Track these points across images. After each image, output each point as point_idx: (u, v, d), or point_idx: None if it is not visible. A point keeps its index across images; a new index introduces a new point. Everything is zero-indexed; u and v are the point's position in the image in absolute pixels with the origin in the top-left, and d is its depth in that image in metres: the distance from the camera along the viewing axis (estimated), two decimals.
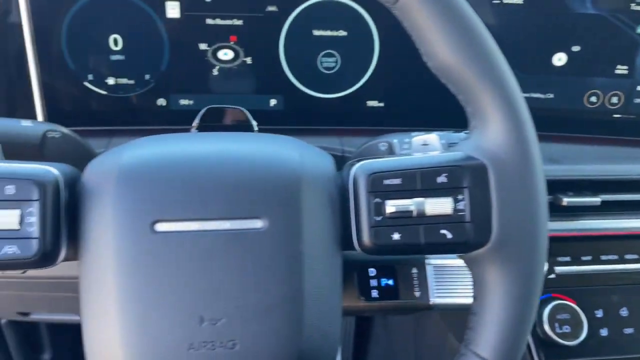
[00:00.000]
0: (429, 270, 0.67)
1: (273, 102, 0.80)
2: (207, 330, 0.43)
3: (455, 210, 0.43)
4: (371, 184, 0.44)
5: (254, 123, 0.65)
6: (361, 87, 0.80)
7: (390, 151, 0.64)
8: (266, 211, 0.44)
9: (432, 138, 0.55)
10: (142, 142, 0.49)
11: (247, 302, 0.43)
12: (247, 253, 0.43)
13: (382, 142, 0.66)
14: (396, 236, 0.44)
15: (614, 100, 0.82)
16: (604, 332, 0.74)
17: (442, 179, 0.44)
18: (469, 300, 0.48)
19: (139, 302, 0.43)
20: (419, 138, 0.56)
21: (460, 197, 0.43)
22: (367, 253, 0.46)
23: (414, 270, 0.67)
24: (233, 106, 0.64)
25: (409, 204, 0.43)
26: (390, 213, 0.43)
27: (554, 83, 0.81)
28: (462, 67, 0.43)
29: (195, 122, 0.63)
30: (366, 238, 0.45)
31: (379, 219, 0.44)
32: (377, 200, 0.44)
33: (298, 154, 0.48)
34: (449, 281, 0.66)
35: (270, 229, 0.43)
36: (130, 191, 0.43)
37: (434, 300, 0.66)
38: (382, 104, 0.81)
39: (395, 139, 0.65)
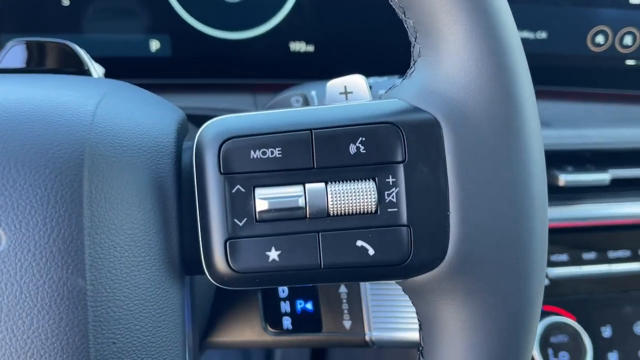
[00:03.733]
0: (366, 289, 0.47)
1: (155, 45, 0.62)
2: None
3: (382, 204, 0.30)
4: (225, 159, 0.29)
5: (97, 67, 0.43)
6: (282, 22, 0.64)
7: None
8: (4, 217, 0.26)
9: (357, 82, 0.35)
10: None
11: None
12: None
13: (295, 96, 0.51)
14: (273, 254, 0.29)
15: (627, 40, 0.70)
16: (613, 357, 0.64)
17: (357, 147, 0.29)
18: None
19: None
20: (336, 82, 0.36)
21: (390, 180, 0.30)
22: (224, 285, 0.30)
23: (343, 289, 0.47)
24: (55, 39, 0.42)
25: (297, 193, 0.29)
26: (262, 212, 0.29)
27: (548, 17, 0.69)
28: None
29: None
30: (218, 259, 0.29)
31: (240, 223, 0.29)
32: (238, 188, 0.29)
33: (93, 107, 0.29)
34: (396, 306, 0.46)
35: (13, 251, 0.26)
36: None
37: (373, 334, 0.47)
38: (311, 48, 0.65)
39: (313, 91, 0.51)
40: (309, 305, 0.48)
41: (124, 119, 0.29)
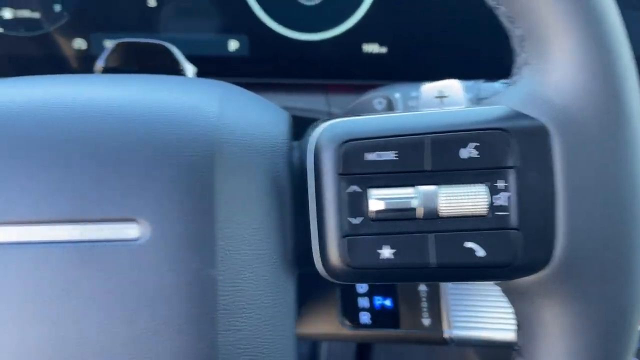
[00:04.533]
0: (446, 287, 0.47)
1: (234, 45, 0.63)
2: None
3: (493, 207, 0.30)
4: (344, 160, 0.29)
5: (189, 67, 0.45)
6: (356, 24, 0.64)
7: (390, 110, 0.48)
8: (147, 210, 0.28)
9: (453, 86, 0.35)
10: None
11: None
12: (109, 282, 0.27)
13: (378, 98, 0.49)
14: (387, 252, 0.30)
15: None
16: None
17: (469, 151, 0.30)
18: (507, 335, 0.37)
19: None
20: (431, 87, 0.36)
21: (500, 184, 0.30)
22: (336, 279, 0.31)
23: (423, 288, 0.47)
24: (153, 40, 0.44)
25: (410, 195, 0.30)
26: (377, 212, 0.30)
27: None
28: None
29: (100, 63, 0.45)
30: (334, 255, 0.30)
31: (356, 221, 0.30)
32: (354, 188, 0.30)
33: (217, 108, 0.31)
34: (475, 304, 0.46)
35: (154, 242, 0.27)
36: None
37: (452, 332, 0.47)
38: (384, 49, 0.64)
39: (397, 93, 0.48)
40: (388, 302, 0.48)
41: (244, 121, 0.30)
